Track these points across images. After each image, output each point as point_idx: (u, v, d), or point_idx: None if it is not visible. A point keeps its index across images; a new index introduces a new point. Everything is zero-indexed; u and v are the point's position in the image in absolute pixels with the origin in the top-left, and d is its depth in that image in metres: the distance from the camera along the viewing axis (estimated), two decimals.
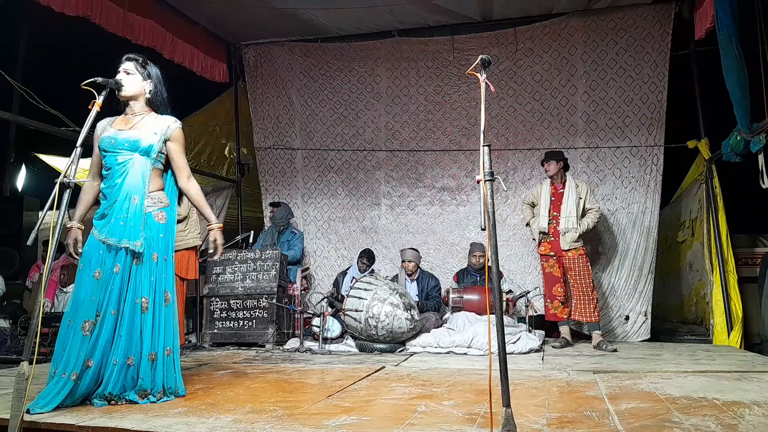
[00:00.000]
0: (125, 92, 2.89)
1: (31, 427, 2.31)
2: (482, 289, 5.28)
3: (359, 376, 3.44)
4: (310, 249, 6.66)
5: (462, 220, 6.34)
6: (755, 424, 2.20)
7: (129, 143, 2.83)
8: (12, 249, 6.90)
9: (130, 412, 2.51)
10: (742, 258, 5.66)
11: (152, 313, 2.78)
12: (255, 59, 6.93)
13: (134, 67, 2.92)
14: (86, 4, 4.71)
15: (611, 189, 5.88)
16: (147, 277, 2.78)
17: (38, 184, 8.39)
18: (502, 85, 6.15)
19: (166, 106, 3.02)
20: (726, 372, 3.47)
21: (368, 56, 6.64)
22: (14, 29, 7.71)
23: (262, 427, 2.22)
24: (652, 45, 5.78)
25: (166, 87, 3.02)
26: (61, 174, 2.45)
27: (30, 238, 2.45)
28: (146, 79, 2.94)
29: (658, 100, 5.77)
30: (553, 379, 3.34)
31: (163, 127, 2.91)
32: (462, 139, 6.38)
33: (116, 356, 2.67)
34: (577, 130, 6.04)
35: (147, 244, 2.79)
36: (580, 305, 4.88)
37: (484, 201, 2.02)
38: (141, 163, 2.84)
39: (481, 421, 2.28)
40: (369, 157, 6.68)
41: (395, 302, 4.71)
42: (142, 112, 2.95)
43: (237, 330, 5.31)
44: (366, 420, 2.33)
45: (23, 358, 2.25)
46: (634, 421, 2.27)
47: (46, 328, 4.87)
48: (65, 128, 5.14)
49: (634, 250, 5.74)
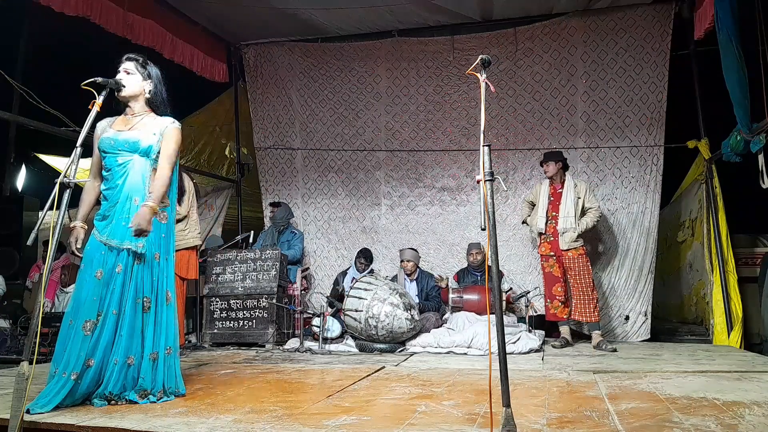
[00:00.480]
0: (125, 92, 2.88)
1: (31, 427, 2.31)
2: (482, 289, 5.28)
3: (359, 376, 3.44)
4: (310, 249, 6.66)
5: (462, 220, 6.34)
6: (755, 424, 2.20)
7: (129, 144, 2.83)
8: (12, 249, 6.89)
9: (130, 412, 2.51)
10: (742, 258, 5.66)
11: (153, 312, 2.78)
12: (255, 59, 6.93)
13: (134, 67, 2.91)
14: (86, 4, 4.71)
15: (611, 189, 5.88)
16: (148, 277, 2.79)
17: (38, 184, 8.40)
18: (502, 85, 6.15)
19: (166, 107, 3.01)
20: (726, 372, 3.47)
21: (368, 56, 6.64)
22: (14, 29, 7.71)
23: (262, 427, 2.22)
24: (652, 45, 5.78)
25: (165, 87, 3.01)
26: (61, 174, 2.45)
27: (30, 238, 2.45)
28: (146, 79, 2.94)
29: (658, 100, 5.77)
30: (553, 379, 3.34)
31: (162, 128, 2.91)
32: (462, 139, 6.38)
33: (117, 356, 2.67)
34: (577, 130, 6.04)
35: (149, 244, 2.80)
36: (580, 305, 4.88)
37: (484, 201, 2.02)
38: (141, 164, 2.84)
39: (481, 421, 2.28)
40: (369, 157, 6.68)
41: (395, 302, 4.71)
42: (141, 113, 2.94)
43: (237, 330, 5.31)
44: (366, 420, 2.33)
45: (23, 358, 2.25)
46: (634, 421, 2.27)
47: (46, 328, 4.87)
48: (65, 128, 5.14)
49: (634, 250, 5.74)
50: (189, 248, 4.78)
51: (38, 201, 7.36)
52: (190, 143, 7.27)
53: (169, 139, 2.89)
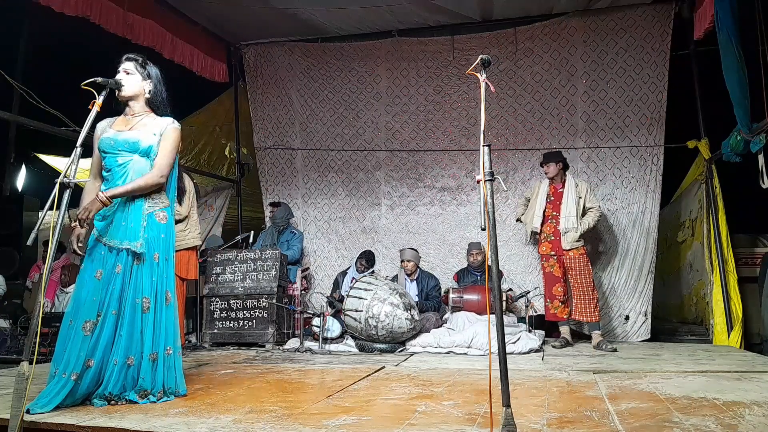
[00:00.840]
0: (125, 92, 2.88)
1: (31, 427, 2.31)
2: (482, 289, 5.28)
3: (359, 376, 3.44)
4: (310, 249, 6.67)
5: (462, 220, 6.34)
6: (755, 424, 2.20)
7: (128, 144, 2.83)
8: (12, 249, 6.90)
9: (130, 412, 2.51)
10: (742, 258, 5.66)
11: (153, 313, 2.78)
12: (255, 59, 6.93)
13: (134, 67, 2.91)
14: (86, 4, 4.71)
15: (611, 189, 5.88)
16: (148, 278, 2.79)
17: (38, 184, 8.40)
18: (502, 85, 6.15)
19: (166, 107, 3.01)
20: (726, 372, 3.47)
21: (368, 56, 6.64)
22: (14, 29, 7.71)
23: (262, 427, 2.22)
24: (652, 45, 5.78)
25: (165, 87, 3.01)
26: (61, 174, 2.45)
27: (30, 238, 2.45)
28: (146, 79, 2.93)
29: (658, 100, 5.77)
30: (553, 379, 3.34)
31: (162, 128, 2.91)
32: (462, 139, 6.38)
33: (117, 356, 2.67)
34: (577, 130, 6.04)
35: (148, 244, 2.79)
36: (580, 305, 4.88)
37: (484, 201, 2.02)
38: (141, 165, 2.84)
39: (481, 421, 2.28)
40: (369, 157, 6.68)
41: (395, 302, 4.71)
42: (141, 113, 2.94)
43: (237, 330, 5.31)
44: (366, 420, 2.33)
45: (23, 358, 2.25)
46: (634, 421, 2.27)
47: (46, 328, 4.87)
48: (65, 128, 5.14)
49: (634, 250, 5.74)
50: (189, 248, 4.77)
51: (38, 201, 7.37)
52: (190, 143, 7.27)
53: (167, 139, 2.89)
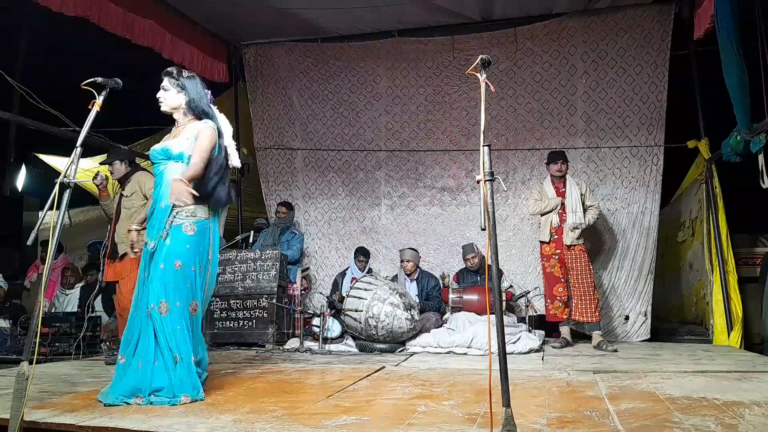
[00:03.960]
0: (163, 108, 3.04)
1: (31, 427, 2.31)
2: (482, 289, 5.28)
3: (359, 376, 3.44)
4: (311, 249, 6.67)
5: (462, 221, 6.34)
6: (755, 424, 2.19)
7: (163, 152, 2.95)
8: (12, 249, 6.89)
9: (130, 412, 2.51)
10: (742, 258, 5.66)
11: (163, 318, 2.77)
12: (255, 59, 6.93)
13: (168, 82, 3.01)
14: (86, 4, 4.70)
15: (611, 189, 5.88)
16: (159, 281, 2.79)
17: (38, 184, 8.39)
18: (502, 85, 6.15)
19: (210, 109, 3.07)
20: (726, 372, 3.47)
21: (368, 56, 6.64)
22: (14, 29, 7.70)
23: (262, 427, 2.22)
24: (652, 45, 5.78)
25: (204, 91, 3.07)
26: (61, 174, 2.45)
27: (30, 238, 2.45)
28: (180, 91, 3.01)
29: (658, 100, 5.77)
30: (553, 379, 3.34)
31: (196, 131, 2.97)
32: (462, 139, 6.38)
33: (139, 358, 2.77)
34: (577, 130, 6.04)
35: (167, 250, 2.82)
36: (581, 305, 4.88)
37: (484, 201, 2.02)
38: (174, 169, 2.92)
39: (481, 421, 2.28)
40: (369, 157, 6.68)
41: (395, 302, 4.71)
42: (184, 122, 3.04)
43: (237, 330, 5.31)
44: (366, 420, 2.33)
45: (23, 358, 2.25)
46: (634, 421, 2.27)
47: (46, 328, 4.88)
48: (65, 128, 5.14)
49: (634, 250, 5.74)
50: None
51: (38, 201, 7.36)
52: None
53: (198, 138, 2.95)
